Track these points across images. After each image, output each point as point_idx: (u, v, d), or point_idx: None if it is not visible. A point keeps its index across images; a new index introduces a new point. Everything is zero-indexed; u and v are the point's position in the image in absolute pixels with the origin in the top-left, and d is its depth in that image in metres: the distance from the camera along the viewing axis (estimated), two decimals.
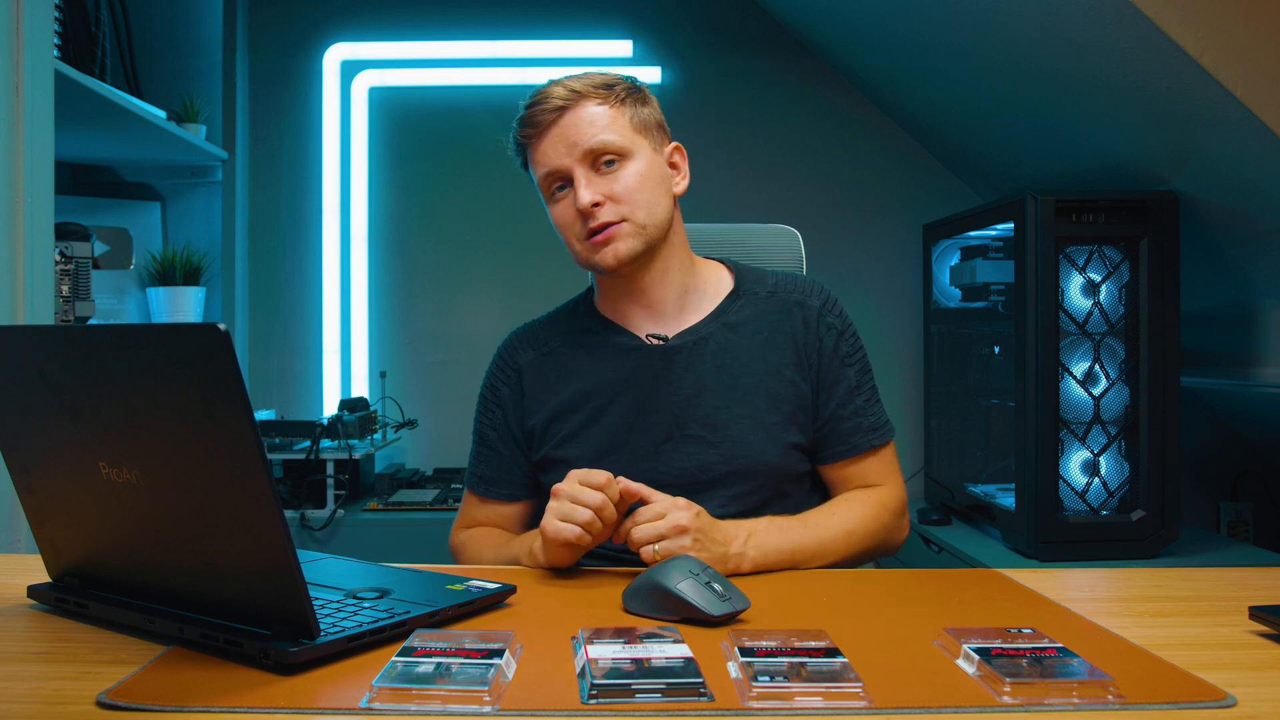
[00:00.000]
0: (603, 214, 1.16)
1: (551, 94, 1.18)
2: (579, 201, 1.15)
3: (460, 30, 2.84)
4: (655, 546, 1.01)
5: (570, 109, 1.17)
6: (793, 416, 1.21)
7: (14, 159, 1.48)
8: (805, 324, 1.24)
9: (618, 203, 1.17)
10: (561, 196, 1.19)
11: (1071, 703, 0.66)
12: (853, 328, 1.27)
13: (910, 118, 2.80)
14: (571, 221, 1.18)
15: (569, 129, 1.17)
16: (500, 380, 1.30)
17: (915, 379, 2.85)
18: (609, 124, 1.17)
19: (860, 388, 1.25)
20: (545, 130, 1.18)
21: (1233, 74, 1.62)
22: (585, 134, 1.16)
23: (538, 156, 1.20)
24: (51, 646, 0.79)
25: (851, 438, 1.23)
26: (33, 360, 0.79)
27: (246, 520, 0.71)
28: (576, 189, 1.16)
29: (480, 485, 1.30)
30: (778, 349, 1.23)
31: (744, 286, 1.27)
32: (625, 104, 1.20)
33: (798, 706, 0.65)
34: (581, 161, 1.16)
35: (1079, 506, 2.06)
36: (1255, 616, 0.83)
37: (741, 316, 1.25)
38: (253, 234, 2.85)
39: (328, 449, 2.39)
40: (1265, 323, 2.10)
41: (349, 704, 0.65)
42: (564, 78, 1.21)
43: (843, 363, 1.24)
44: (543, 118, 1.18)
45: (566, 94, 1.17)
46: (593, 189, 1.16)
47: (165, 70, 2.65)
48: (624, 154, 1.18)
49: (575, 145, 1.16)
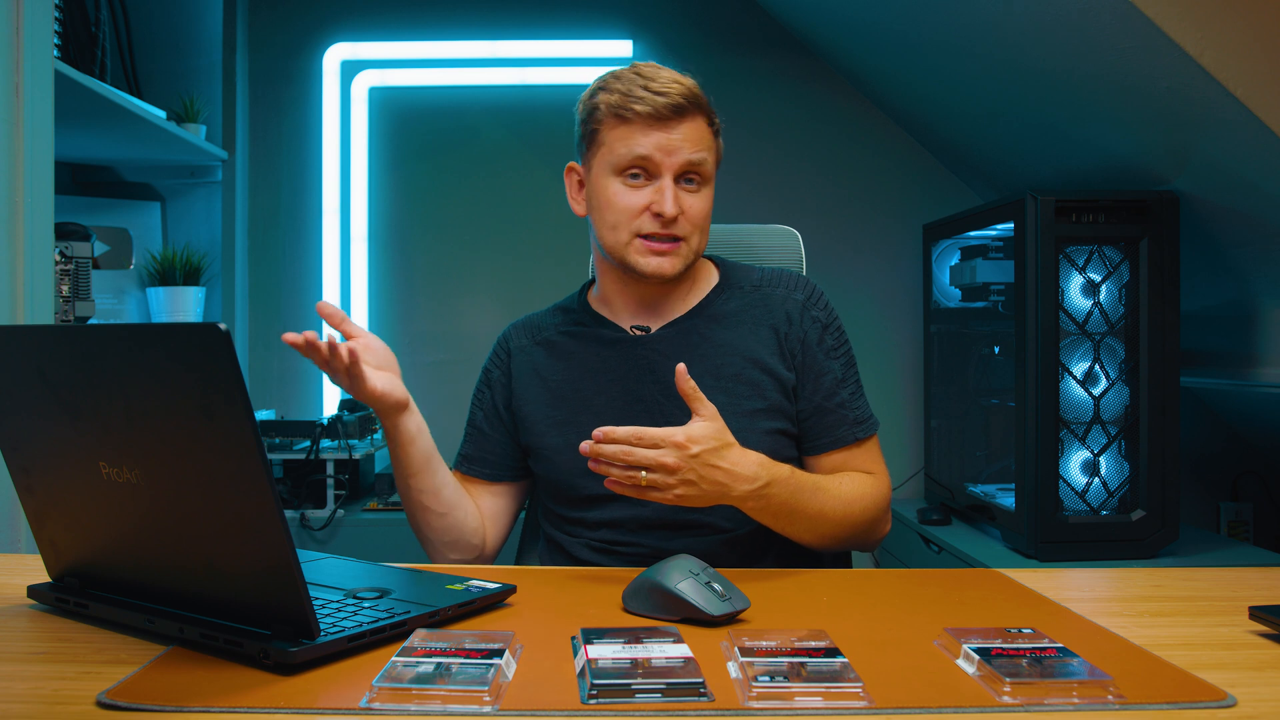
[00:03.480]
0: (677, 228, 1.18)
1: (672, 89, 1.17)
2: (665, 207, 1.16)
3: (460, 30, 2.84)
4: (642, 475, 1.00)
5: (688, 115, 1.17)
6: (776, 404, 1.22)
7: (14, 159, 1.48)
8: (789, 317, 1.25)
9: (690, 224, 1.19)
10: (635, 184, 1.19)
11: (1071, 703, 0.66)
12: (838, 322, 1.28)
13: (910, 118, 2.80)
14: (636, 213, 1.18)
15: (681, 134, 1.17)
16: (493, 364, 1.33)
17: (915, 379, 2.85)
18: (709, 147, 1.20)
19: (845, 381, 1.25)
20: (660, 122, 1.16)
21: (1233, 74, 1.62)
22: (691, 148, 1.17)
23: (635, 138, 1.17)
24: (51, 646, 0.79)
25: (837, 429, 1.23)
26: (33, 360, 0.79)
27: (246, 520, 0.71)
28: (664, 194, 1.16)
29: (463, 464, 1.33)
30: (760, 339, 1.24)
31: (729, 280, 1.29)
32: (718, 136, 1.24)
33: (798, 706, 0.65)
34: (676, 170, 1.17)
35: (1079, 506, 2.06)
36: (1255, 616, 0.83)
37: (726, 309, 1.26)
38: (253, 234, 2.85)
39: (328, 449, 2.39)
40: (1265, 323, 2.10)
41: (349, 704, 0.65)
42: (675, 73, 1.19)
43: (827, 355, 1.24)
44: (662, 108, 1.16)
45: (690, 96, 1.17)
46: (678, 202, 1.17)
47: (165, 70, 2.65)
48: (706, 180, 1.21)
49: (679, 152, 1.17)
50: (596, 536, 1.22)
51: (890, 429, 2.80)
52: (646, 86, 1.17)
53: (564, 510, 1.25)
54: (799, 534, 1.14)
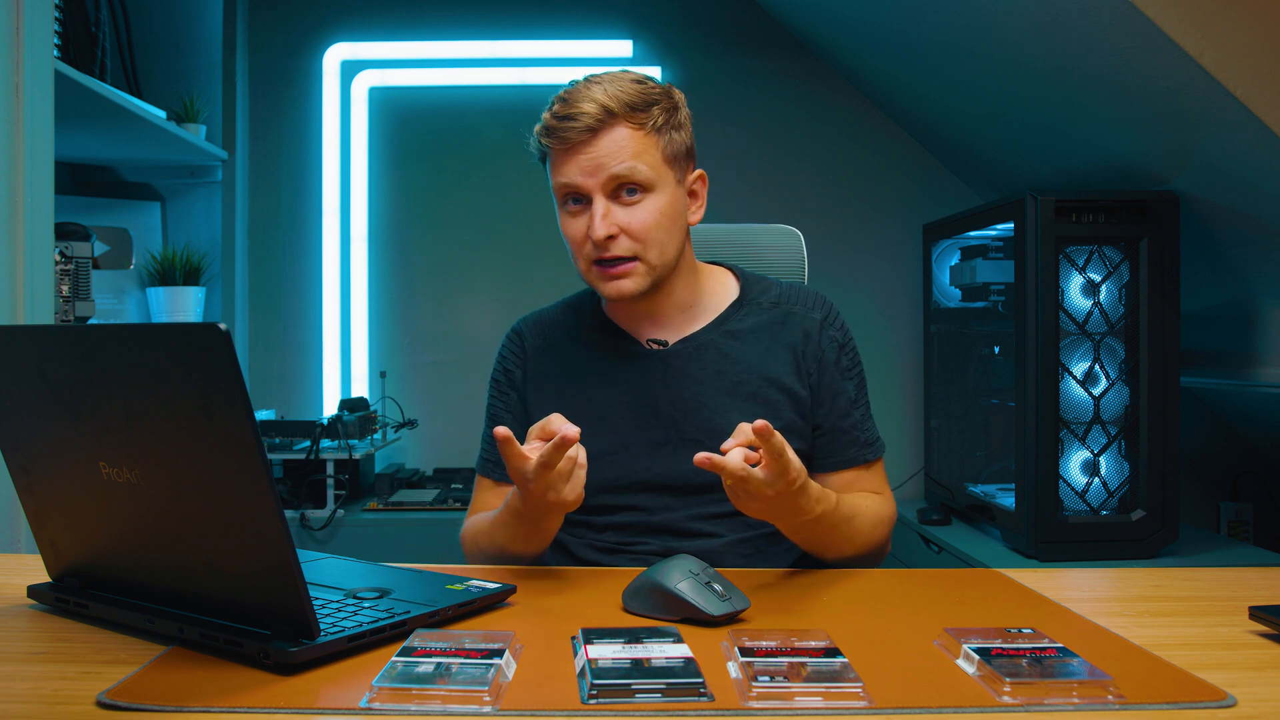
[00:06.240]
0: (616, 247, 1.12)
1: (584, 110, 1.10)
2: (594, 233, 1.11)
3: (460, 30, 2.84)
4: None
5: (602, 132, 1.11)
6: (791, 423, 1.21)
7: (14, 159, 1.48)
8: (806, 335, 1.23)
9: (633, 239, 1.13)
10: (576, 210, 1.15)
11: (1071, 703, 0.66)
12: (854, 343, 1.27)
13: (910, 118, 2.80)
14: (581, 241, 1.14)
15: (599, 151, 1.11)
16: (512, 363, 1.29)
17: (915, 379, 2.85)
18: (638, 153, 1.12)
19: (858, 402, 1.25)
20: (572, 148, 1.12)
21: (1233, 74, 1.62)
22: (612, 160, 1.11)
23: (559, 166, 1.14)
24: (51, 646, 0.79)
25: (849, 450, 1.23)
26: (33, 360, 0.79)
27: (246, 520, 0.71)
28: (593, 218, 1.11)
29: (495, 470, 1.25)
30: (777, 357, 1.22)
31: (748, 295, 1.27)
32: (660, 132, 1.14)
33: (798, 706, 0.65)
34: (603, 188, 1.12)
35: (1079, 506, 2.06)
36: (1255, 616, 0.83)
37: (744, 325, 1.24)
38: (253, 234, 2.85)
39: (328, 449, 2.39)
40: (1265, 323, 2.10)
41: (349, 704, 0.65)
42: (601, 82, 1.13)
43: (843, 375, 1.24)
44: (571, 135, 1.11)
45: (600, 113, 1.10)
46: (608, 220, 1.11)
47: (165, 70, 2.65)
48: (648, 187, 1.13)
49: (600, 169, 1.11)
50: (603, 538, 1.21)
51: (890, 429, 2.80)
52: (557, 113, 1.12)
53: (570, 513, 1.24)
54: (820, 552, 1.14)
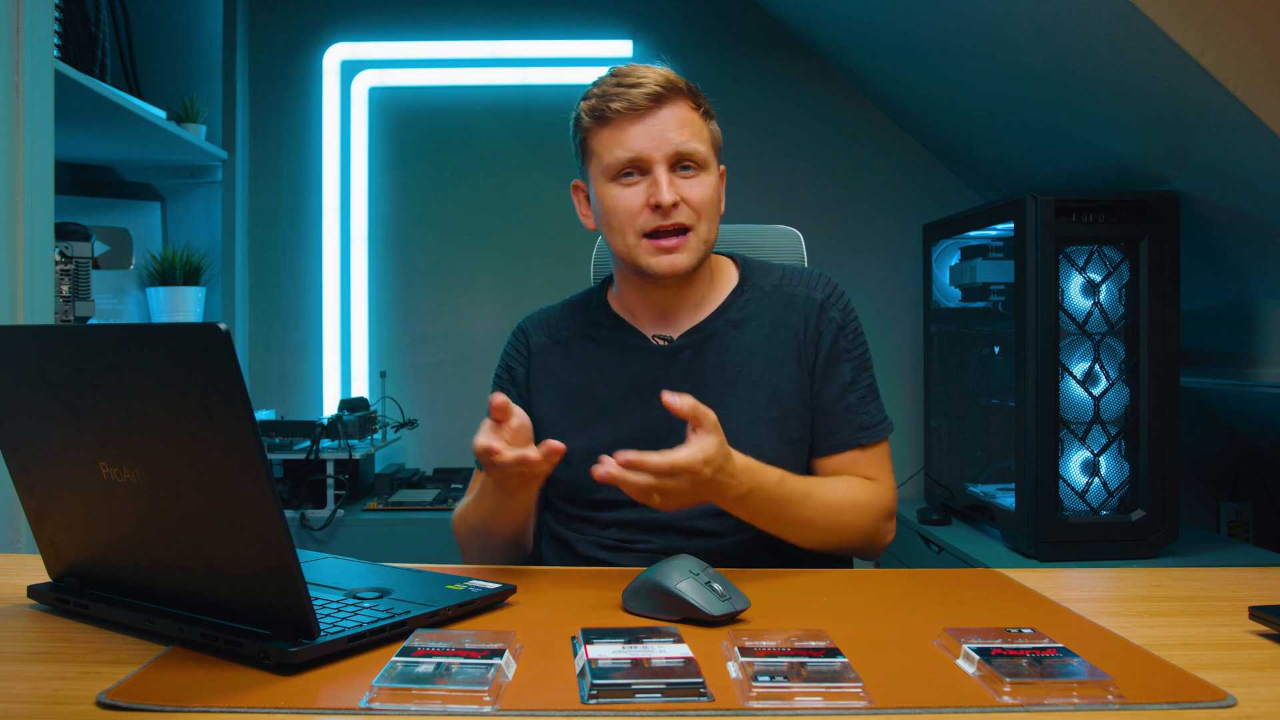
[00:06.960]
0: (679, 215, 1.14)
1: (647, 79, 1.14)
2: (661, 196, 1.12)
3: (460, 30, 2.84)
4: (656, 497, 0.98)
5: (668, 102, 1.14)
6: (794, 411, 1.20)
7: (14, 159, 1.48)
8: (807, 318, 1.23)
9: (693, 210, 1.15)
10: (630, 182, 1.16)
11: (1071, 703, 0.66)
12: (856, 322, 1.26)
13: (910, 118, 2.80)
14: (637, 212, 1.15)
15: (664, 122, 1.13)
16: (515, 360, 1.30)
17: (915, 379, 2.85)
18: (696, 131, 1.16)
19: (855, 384, 1.23)
20: (637, 115, 1.14)
21: (1233, 74, 1.62)
22: (678, 134, 1.14)
23: (618, 137, 1.15)
24: (51, 646, 0.79)
25: (840, 434, 1.22)
26: (33, 360, 0.79)
27: (246, 520, 0.71)
28: (658, 184, 1.13)
29: None
30: (780, 344, 1.22)
31: (748, 280, 1.27)
32: (707, 118, 1.19)
33: (798, 706, 0.65)
34: (667, 160, 1.14)
35: (1079, 506, 2.06)
36: (1255, 616, 0.83)
37: (745, 312, 1.24)
38: (253, 234, 2.85)
39: (328, 449, 2.39)
40: (1265, 323, 2.10)
41: (349, 704, 0.65)
42: (650, 65, 1.17)
43: (840, 358, 1.23)
44: (637, 99, 1.13)
45: (665, 83, 1.14)
46: (674, 189, 1.14)
47: (165, 70, 2.65)
48: (704, 166, 1.16)
49: (666, 141, 1.13)
50: (606, 535, 1.21)
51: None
52: (620, 83, 1.15)
53: (573, 510, 1.24)
54: (787, 537, 1.13)
